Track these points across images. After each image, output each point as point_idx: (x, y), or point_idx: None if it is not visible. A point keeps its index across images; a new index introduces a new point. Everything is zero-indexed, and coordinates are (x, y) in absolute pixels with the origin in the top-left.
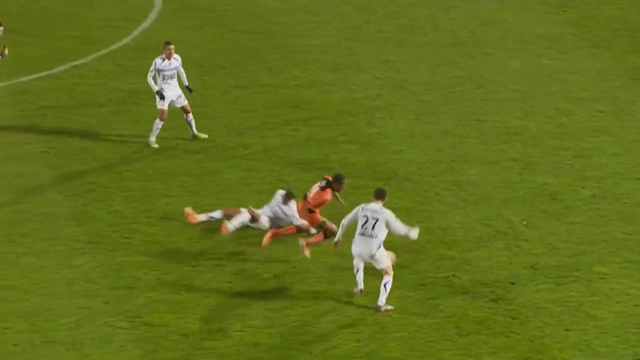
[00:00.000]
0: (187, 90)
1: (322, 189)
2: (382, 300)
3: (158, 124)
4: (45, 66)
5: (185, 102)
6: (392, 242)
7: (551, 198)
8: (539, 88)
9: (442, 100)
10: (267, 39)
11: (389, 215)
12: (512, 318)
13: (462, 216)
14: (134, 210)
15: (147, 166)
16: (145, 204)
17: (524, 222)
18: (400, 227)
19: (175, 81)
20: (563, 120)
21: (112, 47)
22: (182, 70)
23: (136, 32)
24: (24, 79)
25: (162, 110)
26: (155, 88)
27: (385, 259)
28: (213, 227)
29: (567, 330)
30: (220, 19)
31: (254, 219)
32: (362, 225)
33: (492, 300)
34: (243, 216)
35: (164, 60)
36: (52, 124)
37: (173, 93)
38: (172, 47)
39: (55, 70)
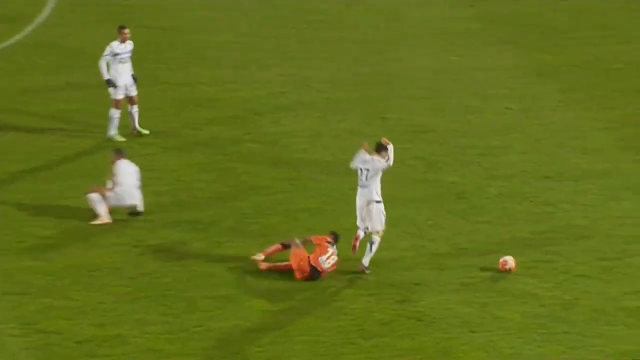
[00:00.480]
0: (132, 78)
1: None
2: (366, 260)
3: (114, 113)
4: None
5: (135, 93)
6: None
7: (457, 197)
8: (447, 85)
9: (348, 98)
10: (168, 35)
11: (380, 164)
12: (418, 320)
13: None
14: (27, 213)
15: (39, 167)
16: (39, 207)
17: (430, 222)
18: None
19: (129, 67)
20: (470, 118)
21: (4, 44)
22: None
23: (29, 28)
24: None
25: (116, 101)
26: (106, 75)
27: (379, 220)
28: (108, 228)
29: (472, 331)
30: (119, 15)
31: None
32: (360, 178)
33: (397, 302)
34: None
35: (120, 43)
36: None
37: (126, 79)
38: (127, 31)
39: None
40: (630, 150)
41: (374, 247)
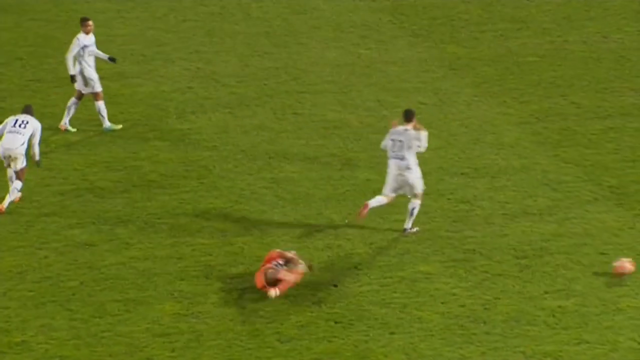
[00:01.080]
0: (111, 61)
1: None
2: (408, 223)
3: (75, 103)
4: None
5: (101, 89)
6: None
7: (374, 194)
8: (358, 79)
9: (257, 92)
10: (67, 28)
11: (415, 134)
12: (335, 322)
13: (281, 215)
14: None
15: None
16: None
17: (346, 221)
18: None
19: (94, 60)
20: (384, 113)
21: None
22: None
23: None
24: None
25: (96, 93)
26: (72, 71)
27: (418, 183)
28: (13, 229)
29: (392, 333)
30: (16, 7)
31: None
32: (392, 149)
33: (313, 304)
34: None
35: (85, 35)
36: None
37: (95, 72)
38: (91, 23)
39: None
40: (546, 145)
41: (415, 211)
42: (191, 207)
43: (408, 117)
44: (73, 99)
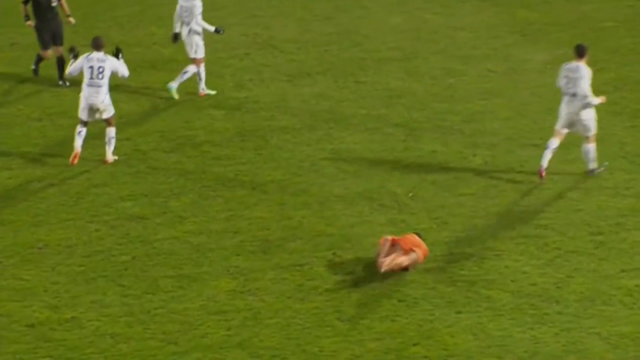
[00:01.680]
0: (216, 32)
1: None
2: (591, 164)
3: (198, 69)
4: None
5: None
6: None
7: (439, 167)
8: (424, 46)
9: (317, 60)
10: None
11: (586, 71)
12: (399, 300)
13: (342, 188)
14: None
15: None
16: None
17: (410, 194)
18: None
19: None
20: (451, 81)
21: None
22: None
23: None
24: None
25: (199, 60)
26: (177, 29)
27: (592, 124)
28: (62, 201)
29: (458, 312)
30: None
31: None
32: (565, 87)
33: (376, 281)
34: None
35: None
36: None
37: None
38: None
39: None
40: (623, 116)
41: (591, 155)
42: (248, 179)
43: (580, 52)
44: (197, 67)
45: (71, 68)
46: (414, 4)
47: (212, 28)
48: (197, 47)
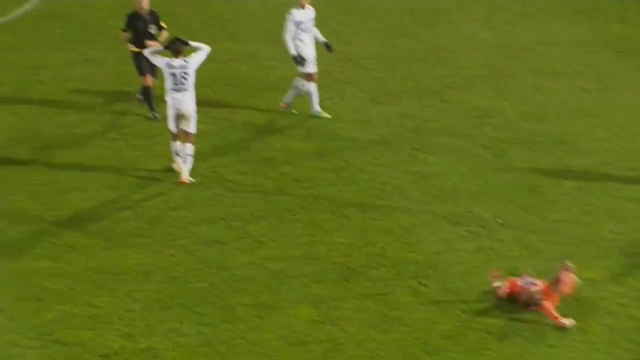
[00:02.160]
0: (326, 48)
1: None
2: None
3: (311, 87)
4: None
5: (315, 70)
6: (348, 245)
7: (530, 191)
8: (513, 62)
9: (400, 77)
10: (193, 4)
11: None
12: (487, 332)
13: (427, 213)
14: (42, 208)
15: (56, 155)
16: (54, 200)
17: (499, 220)
18: None
19: (311, 36)
20: (542, 100)
21: (11, 15)
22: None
23: None
24: None
25: (307, 74)
26: (293, 51)
27: None
28: (137, 225)
29: (551, 346)
30: None
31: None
32: None
33: (463, 312)
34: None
35: (299, 9)
36: None
37: (310, 52)
38: None
39: None
40: None
41: None
42: (328, 203)
43: None
44: (300, 80)
45: (153, 56)
46: (504, 18)
47: (293, 50)
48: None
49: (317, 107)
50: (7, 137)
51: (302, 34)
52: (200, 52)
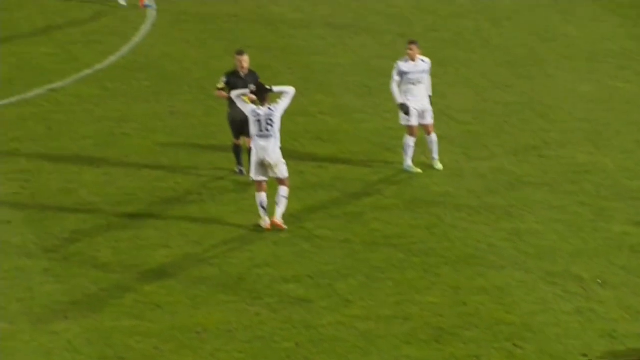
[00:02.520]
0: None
1: None
2: None
3: (409, 140)
4: (16, 90)
5: (431, 121)
6: (439, 304)
7: (631, 251)
8: (615, 117)
9: (495, 131)
10: (282, 56)
11: None
12: None
13: (523, 272)
14: (125, 264)
15: (140, 211)
16: (138, 256)
17: (599, 281)
18: None
19: (423, 89)
20: None
21: (97, 67)
22: (428, 76)
23: (125, 49)
24: None
25: (409, 127)
26: (399, 99)
27: None
28: (222, 282)
29: None
30: (226, 33)
31: None
32: None
33: None
34: None
35: (406, 61)
36: (25, 160)
37: (419, 104)
38: (413, 47)
39: (28, 95)
40: None
41: None
42: (419, 260)
43: None
44: (426, 137)
45: (239, 101)
46: (605, 71)
47: (399, 98)
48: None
49: (409, 162)
50: (90, 192)
51: (409, 85)
52: (286, 97)
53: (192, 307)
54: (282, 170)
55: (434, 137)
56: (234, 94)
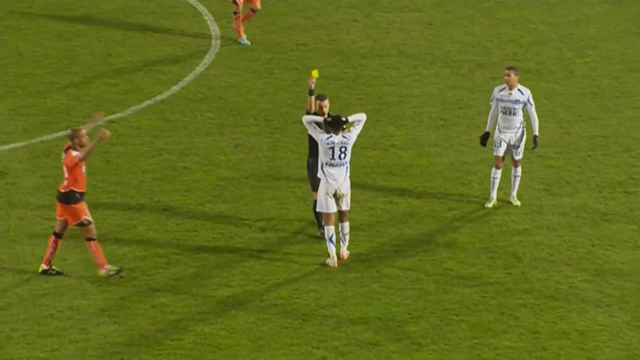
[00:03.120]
0: (533, 142)
1: None
2: None
3: (493, 173)
4: (74, 121)
5: (520, 156)
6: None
7: None
8: None
9: (579, 166)
10: (352, 86)
11: None
12: None
13: (606, 316)
14: (185, 304)
15: (201, 247)
16: (198, 295)
17: None
18: None
19: (517, 120)
20: None
21: (158, 98)
22: (532, 110)
23: (188, 79)
24: (46, 137)
25: (495, 158)
26: (488, 129)
27: None
28: (287, 323)
29: None
30: (294, 62)
31: None
32: None
33: None
34: None
35: (503, 89)
36: None
37: (509, 136)
38: (509, 72)
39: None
40: None
41: None
42: (496, 302)
43: None
44: (512, 169)
45: (311, 127)
46: None
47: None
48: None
49: (492, 194)
50: (149, 228)
51: (501, 114)
52: (358, 125)
53: (254, 349)
54: (347, 202)
55: (518, 171)
56: (306, 119)
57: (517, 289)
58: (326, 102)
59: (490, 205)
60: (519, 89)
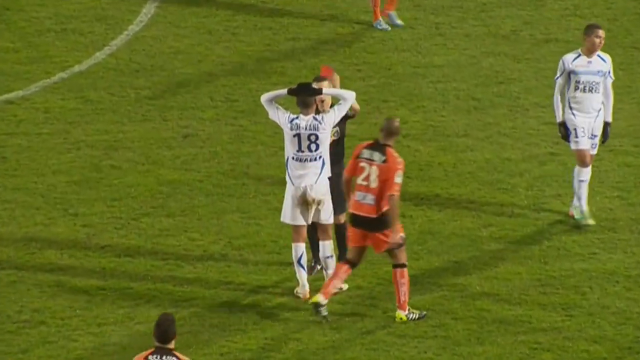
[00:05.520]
0: (603, 133)
1: None
2: None
3: (580, 173)
4: None
5: (595, 151)
6: None
7: None
8: None
9: None
10: (348, 53)
11: None
12: None
13: None
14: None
15: (135, 278)
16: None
17: None
18: None
19: (596, 99)
20: None
21: (75, 69)
22: (609, 85)
23: (117, 43)
24: None
25: (579, 153)
26: (558, 117)
27: None
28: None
29: None
30: (267, 20)
31: None
32: None
33: None
34: None
35: (577, 57)
36: None
37: (590, 121)
38: (601, 33)
39: None
40: None
41: None
42: (552, 358)
43: None
44: (578, 169)
45: (270, 105)
46: None
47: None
48: None
49: (583, 207)
50: (61, 253)
51: (578, 92)
52: (342, 106)
53: None
54: (327, 209)
55: (587, 173)
56: (265, 97)
57: (582, 338)
58: (326, 85)
59: (590, 221)
60: (599, 55)
